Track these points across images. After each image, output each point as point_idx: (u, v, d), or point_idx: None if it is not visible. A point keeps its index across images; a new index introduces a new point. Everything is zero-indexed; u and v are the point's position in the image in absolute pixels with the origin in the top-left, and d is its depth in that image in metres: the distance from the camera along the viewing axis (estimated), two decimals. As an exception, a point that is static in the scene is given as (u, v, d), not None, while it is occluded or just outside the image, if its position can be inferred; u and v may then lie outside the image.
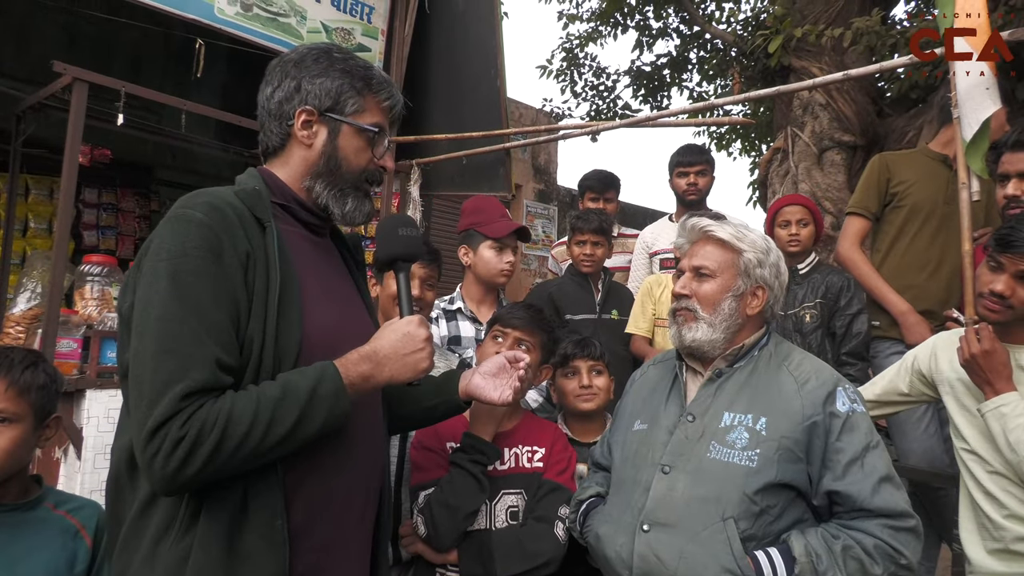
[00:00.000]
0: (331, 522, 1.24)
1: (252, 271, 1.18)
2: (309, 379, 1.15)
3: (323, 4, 4.17)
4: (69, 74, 3.29)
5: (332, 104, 1.32)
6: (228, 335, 1.13)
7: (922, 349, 2.08)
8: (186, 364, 1.07)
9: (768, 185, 6.00)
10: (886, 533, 1.47)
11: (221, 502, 1.13)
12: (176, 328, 1.09)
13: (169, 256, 1.13)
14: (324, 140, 1.33)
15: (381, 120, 1.37)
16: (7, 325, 3.58)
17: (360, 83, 1.34)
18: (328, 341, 1.24)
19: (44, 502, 1.53)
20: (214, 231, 1.15)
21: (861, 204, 2.91)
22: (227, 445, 1.07)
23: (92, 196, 5.82)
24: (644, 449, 1.67)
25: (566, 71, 8.98)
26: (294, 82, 1.33)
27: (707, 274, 1.70)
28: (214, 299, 1.12)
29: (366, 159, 1.36)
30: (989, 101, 2.17)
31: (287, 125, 1.33)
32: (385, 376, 1.23)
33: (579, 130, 4.20)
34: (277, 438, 1.11)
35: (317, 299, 1.28)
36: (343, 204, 1.35)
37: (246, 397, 1.11)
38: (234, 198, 1.23)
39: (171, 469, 1.06)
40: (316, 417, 1.14)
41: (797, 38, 5.38)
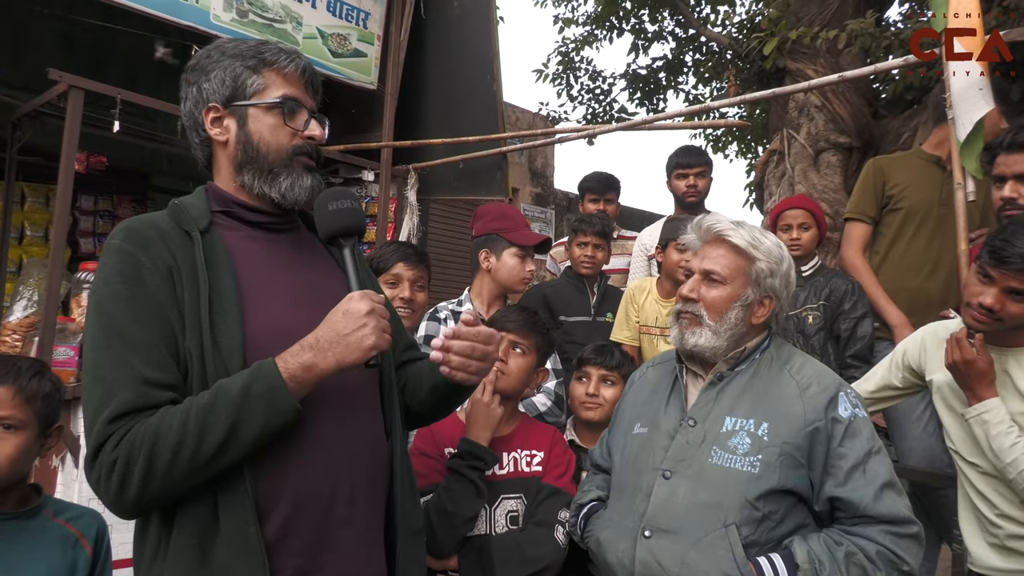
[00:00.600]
0: (314, 524, 1.19)
1: (179, 284, 1.17)
2: (242, 379, 1.11)
3: (319, 10, 4.17)
4: (65, 81, 3.28)
5: (232, 92, 1.28)
6: (157, 352, 1.12)
7: (910, 342, 2.08)
8: (111, 389, 1.08)
9: (764, 187, 6.00)
10: (888, 539, 1.46)
11: (191, 517, 1.12)
12: (100, 356, 1.11)
13: (94, 288, 1.17)
14: (235, 131, 1.29)
15: (289, 90, 1.31)
16: (3, 333, 3.57)
17: (253, 61, 1.29)
18: (279, 339, 1.17)
19: (44, 511, 1.53)
20: (131, 254, 1.16)
21: (859, 209, 2.92)
22: (159, 461, 1.06)
23: (88, 203, 5.81)
24: (644, 453, 1.66)
25: (562, 75, 8.99)
26: (194, 87, 1.31)
27: (717, 280, 1.65)
28: (135, 319, 1.12)
29: (287, 134, 1.30)
30: (983, 102, 2.17)
31: (203, 132, 1.31)
32: (330, 362, 1.15)
33: (575, 133, 4.20)
34: (212, 447, 1.07)
35: (266, 299, 1.24)
36: (277, 185, 1.29)
37: (176, 411, 1.09)
38: (160, 216, 1.24)
39: (112, 494, 1.06)
40: (254, 417, 1.09)
41: (792, 40, 5.39)
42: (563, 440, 2.07)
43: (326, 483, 1.22)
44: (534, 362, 2.01)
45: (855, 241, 2.91)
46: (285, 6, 4.00)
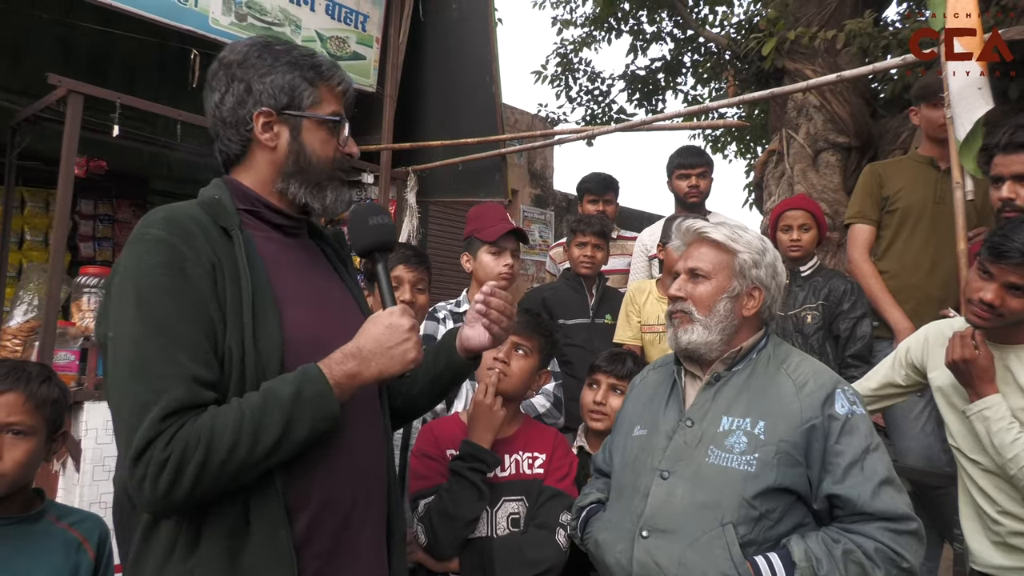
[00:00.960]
0: (334, 527, 1.21)
1: (221, 282, 1.15)
2: (292, 384, 1.12)
3: (317, 13, 4.18)
4: (64, 86, 3.29)
5: (289, 101, 1.29)
6: (203, 349, 1.10)
7: (913, 340, 2.09)
8: (160, 385, 1.06)
9: (764, 187, 6.00)
10: (887, 536, 1.46)
11: (222, 518, 1.11)
12: (145, 349, 1.07)
13: (132, 277, 1.11)
14: (288, 139, 1.29)
15: (338, 107, 1.34)
16: (4, 338, 3.57)
17: (311, 73, 1.31)
18: (312, 343, 1.20)
19: (47, 515, 1.54)
20: (174, 245, 1.13)
21: (861, 213, 2.95)
22: (213, 461, 1.05)
23: (88, 207, 5.82)
24: (643, 455, 1.67)
25: (561, 76, 9.00)
26: (243, 84, 1.28)
27: (702, 275, 1.69)
28: (181, 315, 1.10)
29: (332, 149, 1.33)
30: (982, 101, 2.17)
31: (246, 131, 1.29)
32: (373, 372, 1.19)
33: (574, 135, 4.20)
34: (265, 448, 1.09)
35: (296, 302, 1.25)
36: (323, 198, 1.31)
37: (228, 410, 1.09)
38: (195, 209, 1.22)
39: (160, 492, 1.04)
40: (303, 422, 1.11)
41: (790, 41, 5.40)
42: (565, 442, 2.06)
43: (347, 489, 1.24)
44: (537, 364, 2.00)
45: (860, 243, 2.93)
46: (284, 9, 4.01)
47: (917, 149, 3.05)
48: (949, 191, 2.69)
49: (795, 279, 2.85)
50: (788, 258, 2.86)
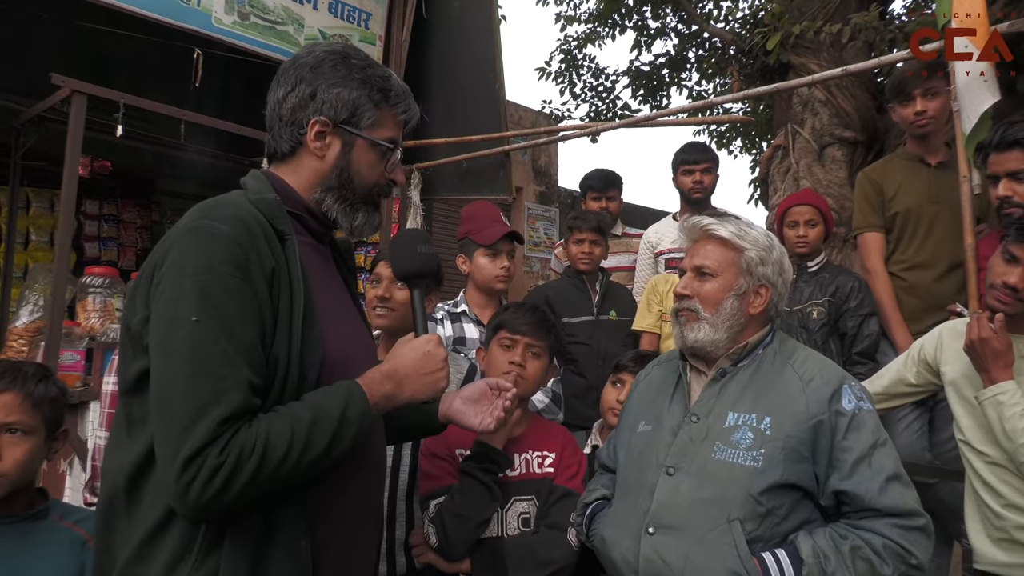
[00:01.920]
0: (347, 541, 1.23)
1: (277, 288, 1.15)
2: (338, 401, 1.14)
3: (320, 11, 4.17)
4: (68, 87, 3.30)
5: (348, 116, 1.28)
6: (258, 356, 1.10)
7: (928, 338, 2.09)
8: (221, 387, 1.04)
9: (769, 183, 5.97)
10: (895, 532, 1.45)
11: (245, 526, 1.10)
12: (208, 349, 1.05)
13: (195, 272, 1.08)
14: (337, 153, 1.29)
15: (395, 134, 1.34)
16: (10, 338, 3.59)
17: (378, 95, 1.30)
18: (342, 356, 1.23)
19: (51, 514, 1.55)
20: (242, 246, 1.11)
21: (867, 222, 2.92)
22: (265, 471, 1.05)
23: (93, 208, 5.84)
24: (648, 451, 1.66)
25: (565, 73, 8.97)
26: (309, 88, 1.27)
27: (708, 273, 1.68)
28: (243, 319, 1.09)
29: (378, 173, 1.33)
30: (988, 93, 2.16)
31: (299, 133, 1.28)
32: (406, 395, 1.24)
33: (579, 131, 4.19)
34: (310, 461, 1.10)
35: (329, 315, 1.25)
36: (353, 218, 1.32)
37: (280, 421, 1.08)
38: (250, 208, 1.19)
39: (208, 496, 1.02)
40: (346, 439, 1.13)
41: (795, 35, 5.36)
42: (573, 440, 2.06)
43: (363, 503, 1.27)
44: (547, 363, 2.00)
45: (875, 252, 2.89)
46: (287, 8, 4.01)
47: (904, 146, 3.03)
48: (943, 188, 2.70)
49: (802, 275, 2.83)
50: (794, 254, 2.85)
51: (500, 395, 1.56)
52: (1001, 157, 2.08)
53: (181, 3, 3.61)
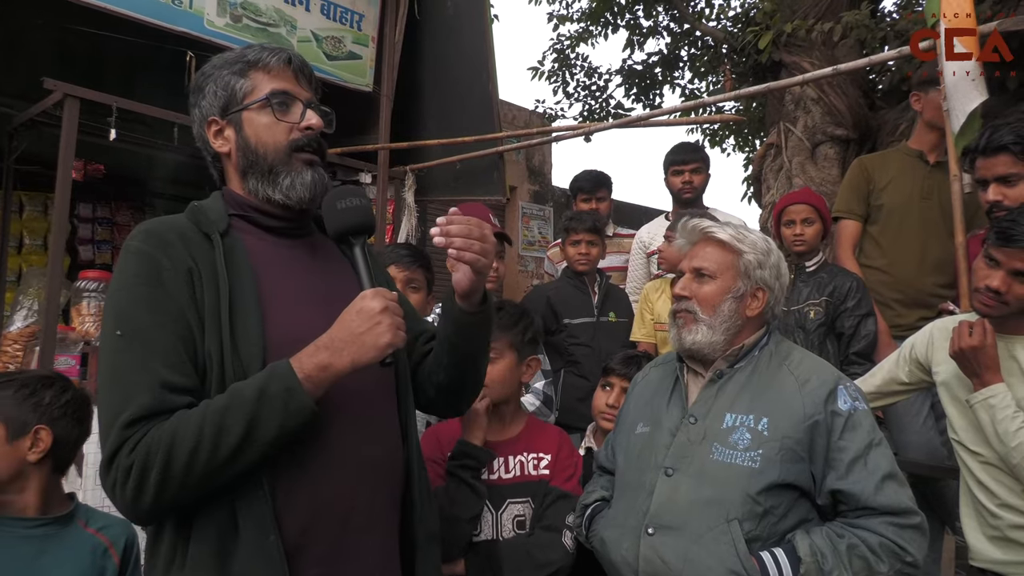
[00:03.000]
0: (333, 532, 1.18)
1: (200, 287, 1.16)
2: (257, 380, 1.10)
3: (312, 13, 4.16)
4: (60, 90, 3.28)
5: (226, 102, 1.29)
6: (176, 355, 1.11)
7: (919, 336, 2.10)
8: (128, 392, 1.08)
9: (762, 181, 5.99)
10: (891, 531, 1.47)
11: (210, 525, 1.10)
12: (119, 359, 1.11)
13: (113, 290, 1.17)
14: (234, 138, 1.29)
15: (278, 85, 1.29)
16: (4, 344, 3.58)
17: (239, 65, 1.29)
18: (298, 345, 1.15)
19: (76, 519, 1.55)
20: (150, 256, 1.16)
21: (847, 208, 3.00)
22: (176, 465, 1.04)
23: (87, 210, 5.82)
24: (647, 452, 1.67)
25: (558, 72, 8.97)
26: (196, 108, 1.33)
27: (707, 275, 1.69)
28: (155, 322, 1.12)
29: (282, 130, 1.28)
30: (975, 92, 2.18)
31: (211, 148, 1.32)
32: (346, 361, 1.13)
33: (572, 132, 4.20)
34: (229, 449, 1.06)
35: (286, 303, 1.23)
36: (277, 185, 1.27)
37: (193, 413, 1.08)
38: (179, 219, 1.24)
39: (129, 498, 1.06)
40: (270, 419, 1.07)
41: (787, 33, 5.38)
42: (569, 441, 2.06)
43: (344, 490, 1.20)
44: (514, 361, 1.96)
45: (846, 239, 2.99)
46: (279, 10, 4.00)
47: (907, 142, 3.07)
48: (937, 186, 2.72)
49: (799, 274, 2.85)
50: (792, 252, 2.87)
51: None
52: (989, 162, 2.09)
53: (173, 5, 3.60)
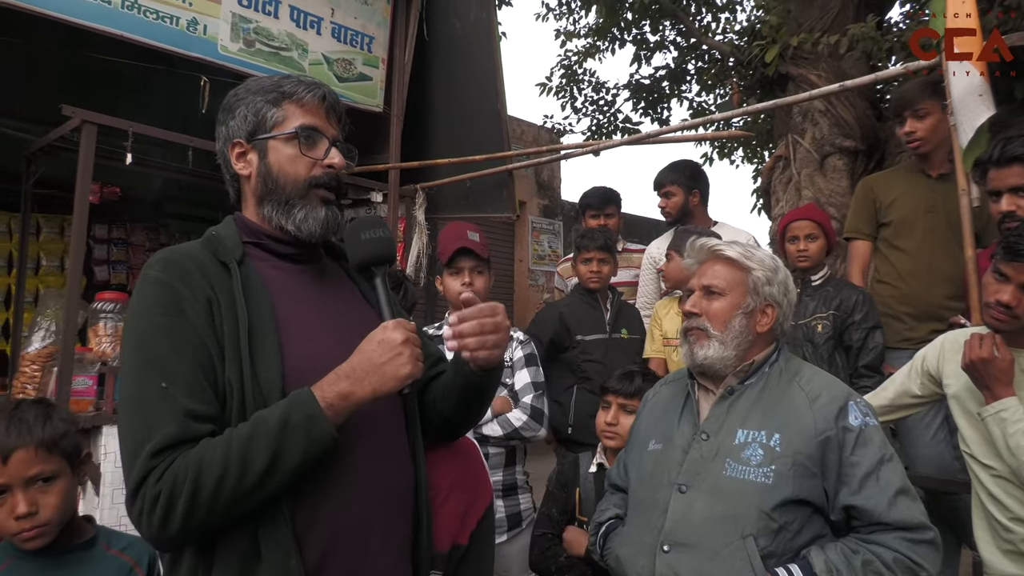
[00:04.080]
0: (349, 554, 1.20)
1: (218, 315, 1.17)
2: (280, 409, 1.11)
3: (323, 36, 4.23)
4: (78, 117, 3.35)
5: (255, 127, 1.31)
6: (198, 384, 1.12)
7: (930, 349, 2.10)
8: (153, 422, 1.08)
9: (772, 193, 5.99)
10: (904, 546, 1.47)
11: (232, 548, 1.12)
12: (141, 388, 1.11)
13: (132, 319, 1.17)
14: (256, 164, 1.32)
15: (308, 120, 1.32)
16: (23, 364, 3.63)
17: (273, 95, 1.32)
18: (316, 371, 1.18)
19: (98, 542, 1.55)
20: (170, 285, 1.17)
21: (855, 228, 3.07)
22: (203, 493, 1.06)
23: (103, 232, 5.91)
24: (660, 469, 1.68)
25: (565, 88, 9.03)
26: (223, 127, 1.35)
27: (717, 292, 1.71)
28: (177, 352, 1.13)
29: (305, 165, 1.31)
30: (983, 107, 2.19)
31: (231, 169, 1.34)
32: (367, 390, 1.16)
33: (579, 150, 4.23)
34: (255, 477, 1.08)
35: (301, 330, 1.25)
36: (291, 216, 1.29)
37: (218, 442, 1.09)
38: (196, 248, 1.25)
39: (155, 527, 1.06)
40: (294, 447, 1.09)
41: (793, 47, 5.40)
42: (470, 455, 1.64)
43: (362, 513, 1.22)
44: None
45: (857, 259, 3.06)
46: (290, 34, 4.07)
47: (908, 158, 3.14)
48: (940, 199, 2.75)
49: (805, 289, 2.86)
50: (797, 268, 2.88)
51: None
52: (1002, 173, 2.10)
53: (187, 32, 3.67)
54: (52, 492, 1.44)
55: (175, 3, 3.61)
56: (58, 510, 1.44)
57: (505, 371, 2.54)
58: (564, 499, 2.22)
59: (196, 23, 3.68)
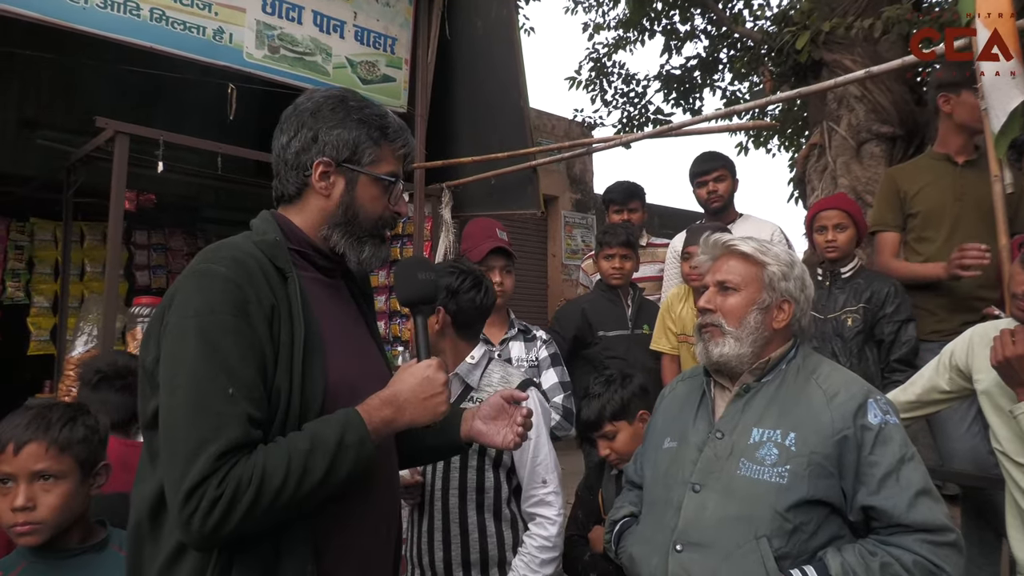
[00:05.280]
0: (358, 565, 1.27)
1: (277, 323, 1.20)
2: (335, 428, 1.17)
3: (347, 40, 4.28)
4: (111, 128, 3.46)
5: (350, 155, 1.33)
6: (257, 391, 1.15)
7: (958, 343, 2.04)
8: (219, 423, 1.10)
9: (807, 182, 5.86)
10: (925, 548, 1.43)
11: (252, 553, 1.15)
12: (207, 387, 1.11)
13: (196, 313, 1.15)
14: (342, 191, 1.34)
15: (396, 168, 1.39)
16: (67, 368, 3.77)
17: (376, 132, 1.35)
18: (349, 386, 1.26)
19: (110, 544, 1.57)
20: (239, 286, 1.17)
21: (882, 220, 2.97)
22: (263, 500, 1.10)
23: (143, 238, 6.08)
24: (674, 468, 1.66)
25: (595, 80, 8.96)
26: (311, 132, 1.33)
27: (731, 287, 1.69)
28: (242, 356, 1.14)
29: (382, 207, 1.38)
30: (1016, 91, 2.10)
31: (304, 175, 1.34)
32: (406, 420, 1.26)
33: (606, 144, 4.20)
34: (309, 488, 1.13)
35: (335, 346, 1.29)
36: (360, 252, 1.36)
37: (277, 451, 1.13)
38: (255, 249, 1.25)
39: (209, 528, 1.08)
40: (344, 465, 1.16)
41: (826, 32, 5.26)
42: None
43: (369, 528, 1.30)
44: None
45: (887, 251, 2.95)
46: (314, 39, 4.13)
47: (931, 147, 3.03)
48: (968, 186, 2.65)
49: (835, 281, 2.79)
50: (826, 259, 2.81)
51: (516, 409, 1.52)
52: None
53: (214, 41, 3.75)
54: (54, 492, 1.46)
55: (201, 14, 3.69)
56: (56, 511, 1.46)
57: (531, 371, 2.55)
58: (591, 501, 2.22)
59: (222, 32, 3.76)
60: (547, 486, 1.98)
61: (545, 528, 1.95)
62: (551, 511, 1.96)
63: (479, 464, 1.95)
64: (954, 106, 2.80)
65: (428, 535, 1.94)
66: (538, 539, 1.93)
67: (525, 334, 2.68)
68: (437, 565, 1.93)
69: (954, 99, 2.78)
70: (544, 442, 2.01)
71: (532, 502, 1.97)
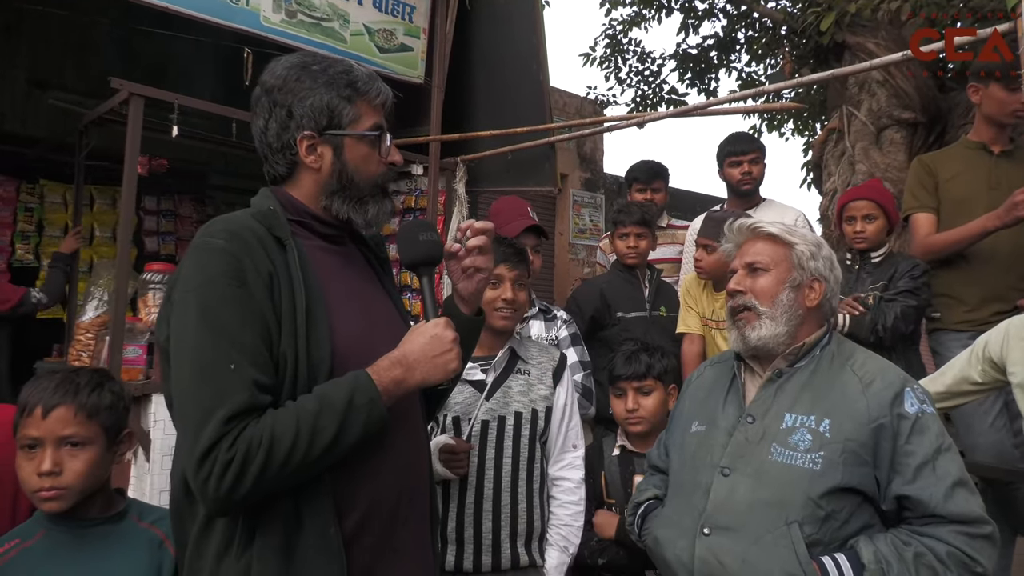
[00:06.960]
0: (381, 524, 1.27)
1: (277, 290, 1.21)
2: (344, 390, 1.18)
3: (365, 6, 4.20)
4: (126, 89, 3.40)
5: (328, 121, 1.32)
6: (262, 356, 1.17)
7: (994, 334, 2.01)
8: (225, 389, 1.12)
9: (823, 167, 5.79)
10: (960, 540, 1.41)
11: (275, 516, 1.17)
12: (211, 356, 1.13)
13: (195, 286, 1.18)
14: (331, 159, 1.33)
15: (377, 119, 1.37)
16: (78, 332, 3.74)
17: (348, 90, 1.33)
18: (359, 349, 1.26)
19: (129, 515, 1.56)
20: (235, 256, 1.19)
21: (917, 203, 2.87)
22: (274, 462, 1.11)
23: (152, 204, 6.05)
24: (702, 451, 1.64)
25: (610, 58, 8.84)
26: (283, 109, 1.32)
27: (761, 268, 1.66)
28: (243, 322, 1.16)
29: (375, 163, 1.37)
30: None
31: (291, 154, 1.33)
32: (417, 379, 1.26)
33: (624, 122, 4.13)
34: (320, 450, 1.14)
35: (343, 309, 1.30)
36: (364, 212, 1.36)
37: (287, 414, 1.14)
38: (252, 220, 1.27)
39: (224, 491, 1.10)
40: (355, 426, 1.17)
41: (851, 13, 5.16)
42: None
43: (394, 486, 1.30)
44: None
45: (923, 228, 2.84)
46: (332, 4, 4.05)
47: (966, 135, 2.96)
48: (1004, 175, 2.60)
49: (864, 265, 2.77)
50: (855, 249, 2.79)
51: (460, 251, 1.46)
52: None
53: (230, 3, 3.68)
54: (80, 458, 1.45)
55: (219, -26, 3.61)
56: (81, 477, 1.45)
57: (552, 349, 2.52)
58: (591, 485, 2.20)
59: (240, -6, 3.69)
60: (576, 451, 2.10)
61: (574, 493, 2.07)
62: (578, 474, 2.10)
63: (531, 433, 2.01)
64: (983, 97, 2.76)
65: (475, 506, 1.94)
66: (570, 507, 2.06)
67: (545, 313, 2.65)
68: (484, 537, 1.93)
69: (983, 91, 2.74)
70: (576, 410, 2.12)
71: (561, 465, 2.08)
